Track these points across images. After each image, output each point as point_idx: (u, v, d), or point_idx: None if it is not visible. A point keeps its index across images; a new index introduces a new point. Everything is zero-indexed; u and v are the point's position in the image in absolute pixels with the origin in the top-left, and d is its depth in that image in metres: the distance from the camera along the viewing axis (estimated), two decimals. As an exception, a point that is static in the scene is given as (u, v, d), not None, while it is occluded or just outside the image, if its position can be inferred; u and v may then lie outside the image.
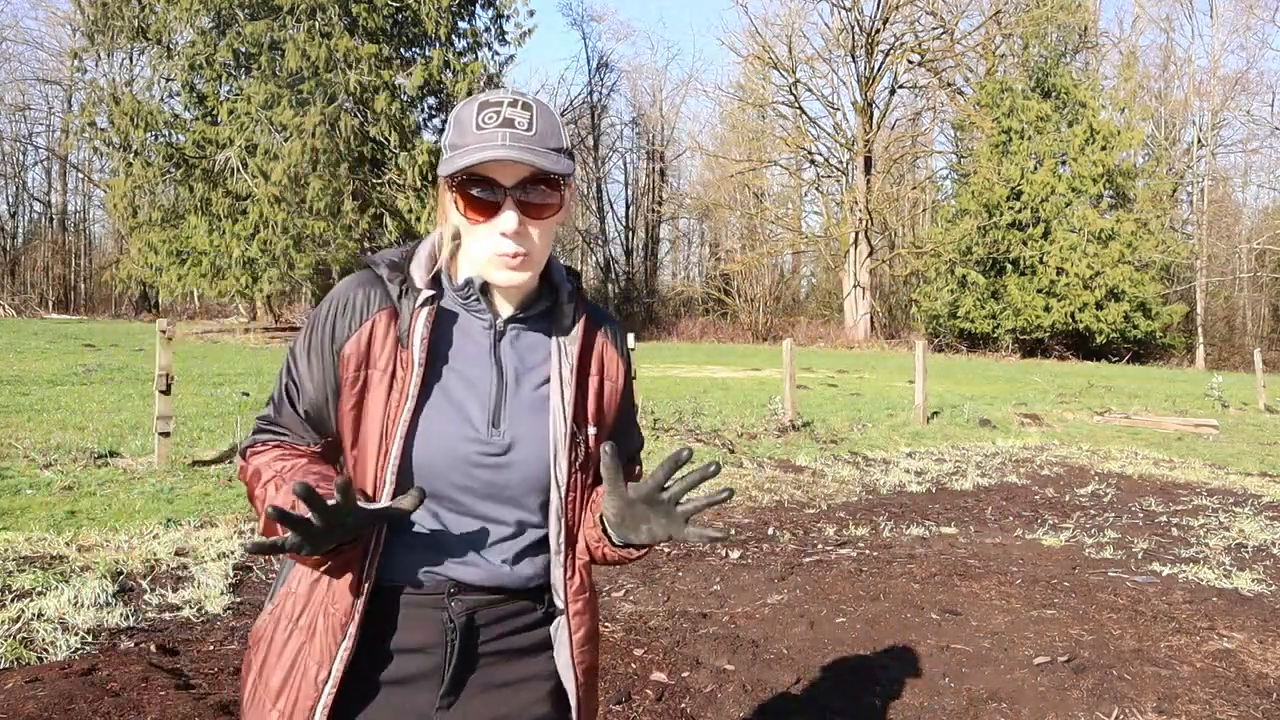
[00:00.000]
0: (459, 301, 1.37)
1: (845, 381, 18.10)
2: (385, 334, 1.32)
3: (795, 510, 6.77)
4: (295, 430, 1.37)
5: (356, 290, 1.35)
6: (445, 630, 1.34)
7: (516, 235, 1.29)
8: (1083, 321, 33.76)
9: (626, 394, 1.50)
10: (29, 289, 38.11)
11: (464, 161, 1.26)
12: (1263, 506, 7.36)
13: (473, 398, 1.34)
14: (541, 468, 1.36)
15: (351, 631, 1.30)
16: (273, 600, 1.42)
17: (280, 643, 1.35)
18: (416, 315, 1.32)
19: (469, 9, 26.01)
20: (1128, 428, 12.83)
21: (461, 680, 1.36)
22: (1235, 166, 45.96)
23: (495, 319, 1.37)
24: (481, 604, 1.36)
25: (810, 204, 45.74)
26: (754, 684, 3.51)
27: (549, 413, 1.37)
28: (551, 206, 1.32)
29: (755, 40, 40.41)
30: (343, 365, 1.32)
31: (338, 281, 1.42)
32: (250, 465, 1.37)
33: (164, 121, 23.11)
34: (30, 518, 5.45)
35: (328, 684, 1.30)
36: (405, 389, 1.30)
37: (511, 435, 1.34)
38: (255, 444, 1.39)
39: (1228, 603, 4.63)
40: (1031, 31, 36.66)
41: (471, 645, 1.36)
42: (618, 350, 1.48)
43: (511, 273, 1.31)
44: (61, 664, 3.32)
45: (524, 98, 1.31)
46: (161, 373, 7.21)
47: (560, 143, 1.31)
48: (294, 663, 1.33)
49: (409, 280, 1.35)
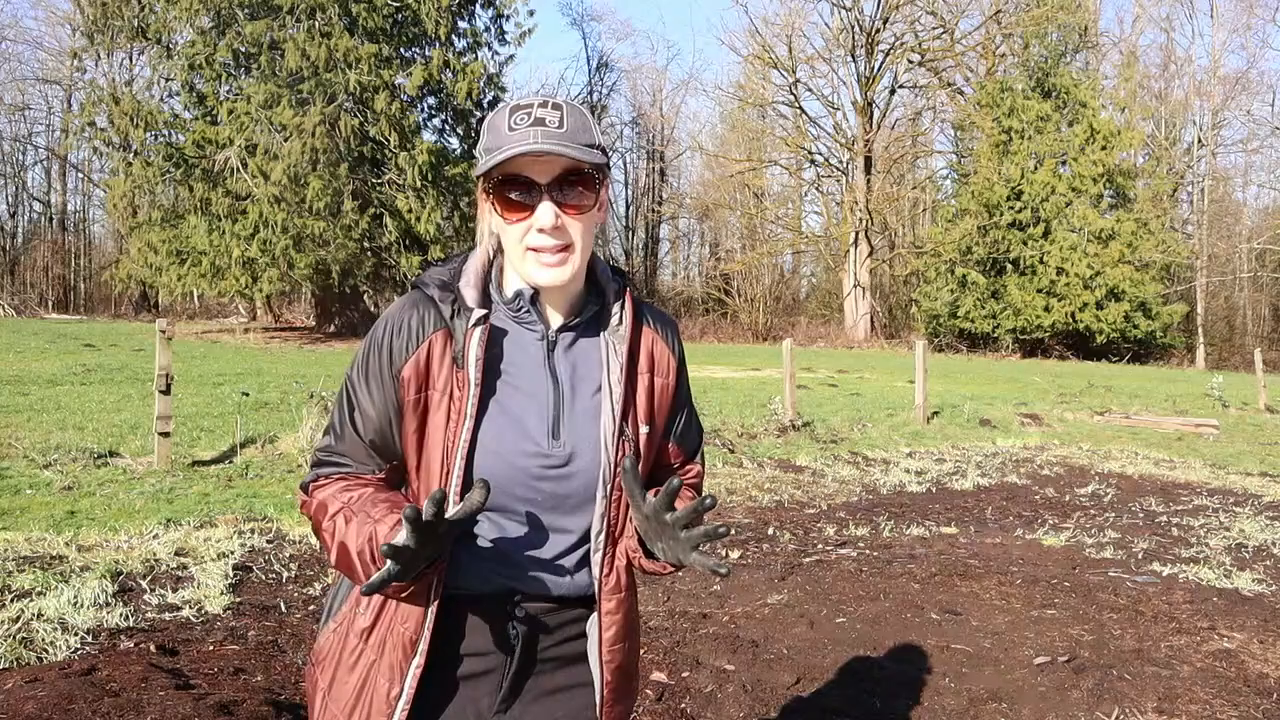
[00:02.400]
0: (510, 315, 1.37)
1: (845, 381, 18.10)
2: (442, 355, 1.33)
3: (795, 510, 6.77)
4: (359, 458, 1.37)
5: (410, 312, 1.35)
6: (509, 638, 1.36)
7: (555, 231, 1.29)
8: (1083, 321, 33.74)
9: (681, 390, 1.50)
10: (29, 289, 38.08)
11: (498, 158, 1.27)
12: (1263, 506, 7.36)
13: (531, 411, 1.34)
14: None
15: (422, 648, 1.32)
16: (334, 617, 1.41)
17: (349, 661, 1.35)
18: (470, 335, 1.32)
19: (469, 9, 25.99)
20: (1128, 428, 12.83)
21: (519, 686, 1.38)
22: (1236, 166, 46.01)
23: (547, 329, 1.38)
24: (543, 611, 1.38)
25: (810, 204, 45.76)
26: (754, 684, 3.51)
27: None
28: (588, 204, 1.32)
29: (755, 40, 40.42)
30: (403, 388, 1.33)
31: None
32: (315, 499, 1.36)
33: (164, 121, 23.10)
34: (30, 518, 5.45)
35: (400, 700, 1.31)
36: (463, 409, 1.31)
37: (572, 446, 1.35)
38: (318, 478, 1.38)
39: (1228, 603, 4.63)
40: (1031, 31, 36.63)
41: (531, 652, 1.38)
42: (669, 346, 1.47)
43: (551, 269, 1.31)
44: (61, 664, 3.32)
45: (554, 99, 1.33)
46: (161, 373, 7.21)
47: (592, 139, 1.32)
48: (364, 680, 1.33)
49: (460, 299, 1.35)
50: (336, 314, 25.85)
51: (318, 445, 1.41)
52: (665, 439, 1.49)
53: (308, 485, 1.39)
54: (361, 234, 22.87)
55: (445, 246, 23.10)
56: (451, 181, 23.46)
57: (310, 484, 1.39)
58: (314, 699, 1.40)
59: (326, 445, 1.39)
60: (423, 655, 1.31)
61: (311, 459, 1.42)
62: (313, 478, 1.39)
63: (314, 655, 1.43)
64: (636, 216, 47.99)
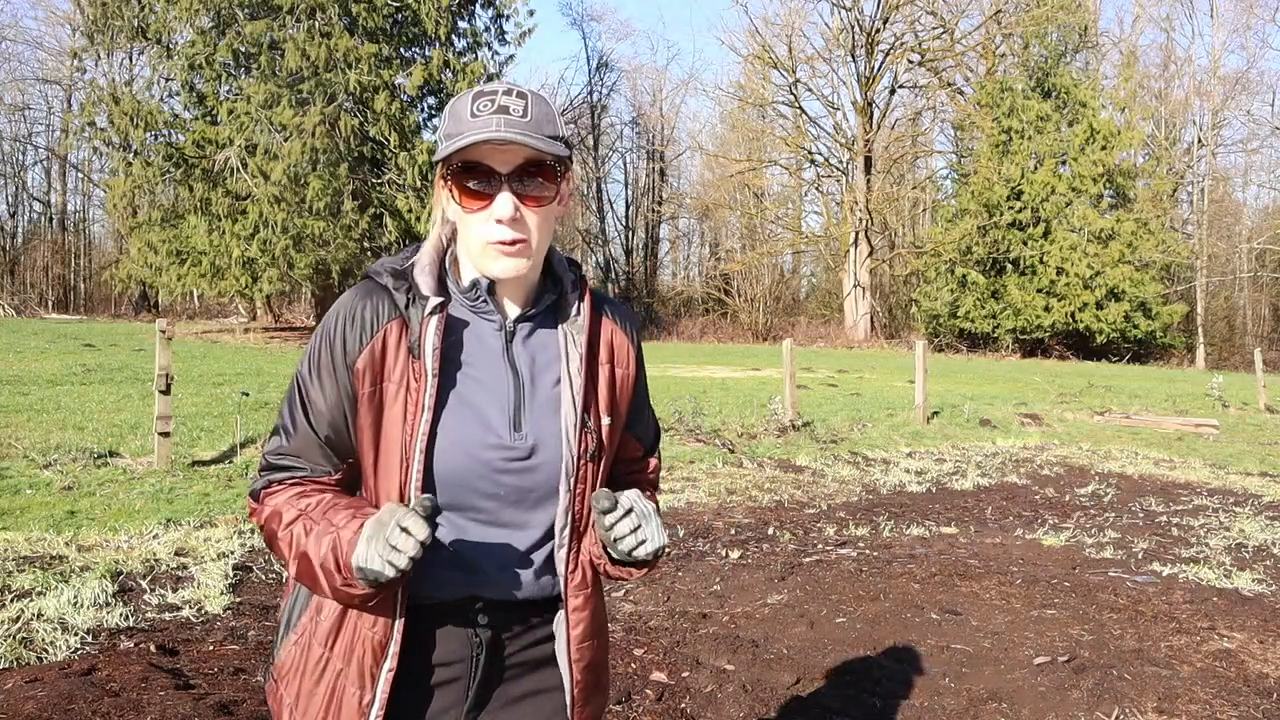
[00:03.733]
0: (466, 305, 1.34)
1: (845, 381, 18.10)
2: (397, 345, 1.29)
3: (795, 510, 6.77)
4: (313, 458, 1.32)
5: (363, 302, 1.31)
6: (471, 645, 1.33)
7: (513, 222, 1.26)
8: (1083, 321, 33.74)
9: (641, 381, 1.48)
10: (29, 289, 38.09)
11: (458, 144, 1.24)
12: (1263, 506, 7.36)
13: (492, 402, 1.31)
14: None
15: (392, 651, 1.28)
16: (294, 629, 1.36)
17: (314, 672, 1.31)
18: (426, 324, 1.29)
19: (469, 9, 25.99)
20: (1128, 428, 12.83)
21: (485, 694, 1.35)
22: (1236, 166, 46.01)
23: (504, 320, 1.35)
24: (506, 617, 1.35)
25: (810, 204, 45.74)
26: (754, 684, 3.51)
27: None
28: (548, 197, 1.30)
29: (755, 40, 40.40)
30: (356, 380, 1.28)
31: (337, 281, 1.40)
32: (265, 507, 1.31)
33: (164, 121, 23.09)
34: (30, 518, 5.45)
35: (374, 707, 1.28)
36: (421, 400, 1.27)
37: (534, 437, 1.32)
38: (269, 484, 1.32)
39: (1228, 603, 4.63)
40: (1031, 31, 36.63)
41: (496, 658, 1.35)
42: (628, 336, 1.45)
43: (507, 259, 1.28)
44: (61, 664, 3.32)
45: (519, 87, 1.30)
46: (161, 373, 7.21)
47: (555, 130, 1.29)
48: (333, 690, 1.30)
49: (415, 288, 1.31)
50: (336, 314, 25.78)
51: (267, 449, 1.34)
52: (628, 430, 1.47)
53: (258, 492, 1.33)
54: (361, 234, 22.86)
55: (445, 246, 23.06)
56: (451, 182, 23.37)
57: (260, 491, 1.32)
58: (280, 716, 1.35)
59: (277, 447, 1.33)
60: (393, 659, 1.28)
61: (260, 464, 1.35)
62: (264, 484, 1.32)
63: (276, 671, 1.37)
64: (636, 216, 48.00)
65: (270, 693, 1.39)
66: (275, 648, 1.40)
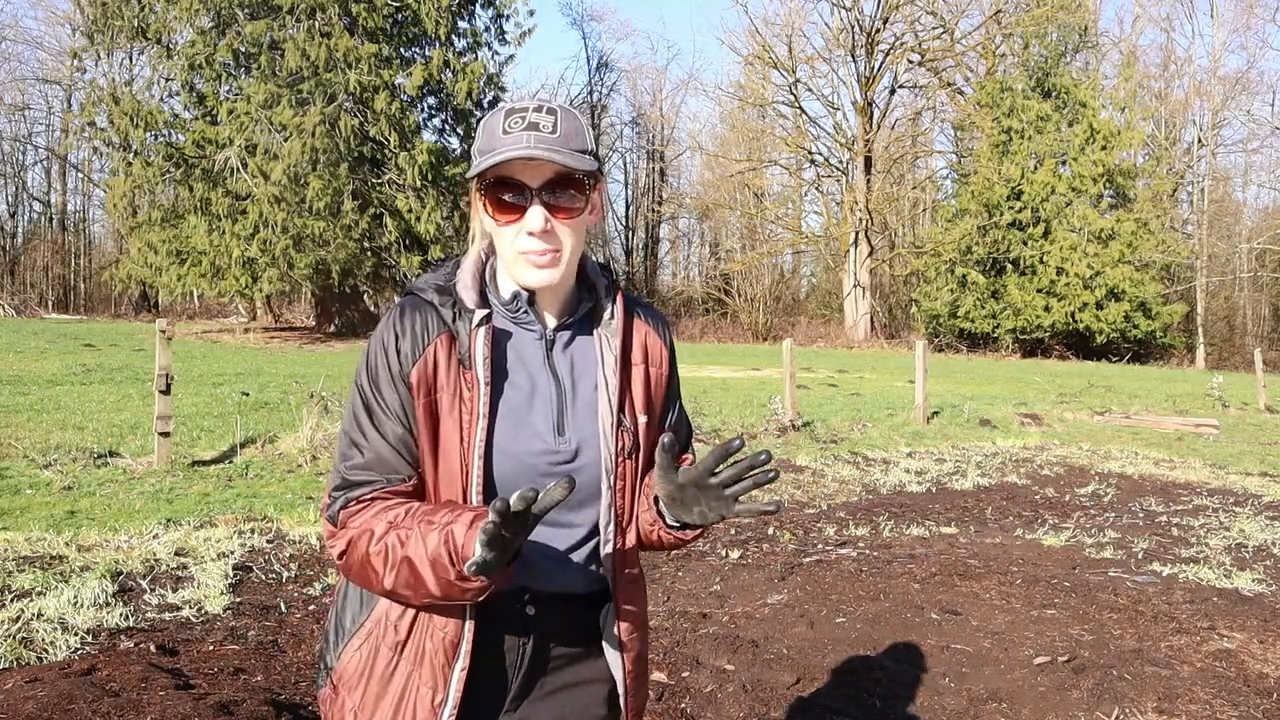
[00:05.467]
0: (508, 316, 1.39)
1: (845, 381, 18.10)
2: (448, 358, 1.33)
3: (795, 510, 6.77)
4: (389, 468, 1.31)
5: (412, 317, 1.35)
6: (518, 638, 1.37)
7: (544, 234, 1.31)
8: (1083, 321, 33.75)
9: (674, 380, 1.53)
10: (29, 289, 38.10)
11: (490, 161, 1.29)
12: (1263, 506, 7.36)
13: (536, 409, 1.36)
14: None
15: (464, 650, 1.31)
16: (358, 635, 1.37)
17: (383, 674, 1.34)
18: (475, 335, 1.34)
19: (469, 9, 26.00)
20: (1128, 428, 12.83)
21: (530, 684, 1.39)
22: (1236, 166, 46.02)
23: (544, 329, 1.40)
24: (553, 608, 1.39)
25: (810, 204, 45.74)
26: (754, 684, 3.51)
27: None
28: (578, 209, 1.34)
29: (755, 40, 40.40)
30: (412, 393, 1.32)
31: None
32: (351, 528, 1.29)
33: (164, 121, 23.10)
34: (30, 518, 5.45)
35: (446, 706, 1.31)
36: (475, 409, 1.32)
37: (577, 440, 1.37)
38: (349, 502, 1.31)
39: (1228, 603, 4.63)
40: (1031, 31, 36.63)
41: (541, 651, 1.39)
42: (661, 338, 1.50)
43: (539, 270, 1.33)
44: (61, 664, 3.32)
45: (549, 104, 1.34)
46: (161, 373, 7.21)
47: (584, 145, 1.34)
48: (403, 693, 1.32)
49: (459, 302, 1.36)
50: (336, 314, 25.86)
51: (341, 468, 1.33)
52: (662, 429, 1.51)
53: (338, 515, 1.31)
54: (361, 234, 22.87)
55: (445, 246, 23.11)
56: (451, 181, 23.45)
57: (341, 511, 1.31)
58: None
59: (352, 463, 1.32)
60: (466, 658, 1.31)
61: (334, 484, 1.33)
62: (343, 504, 1.31)
63: (336, 677, 1.38)
64: (636, 216, 48.02)
65: (327, 700, 1.40)
66: (329, 655, 1.41)
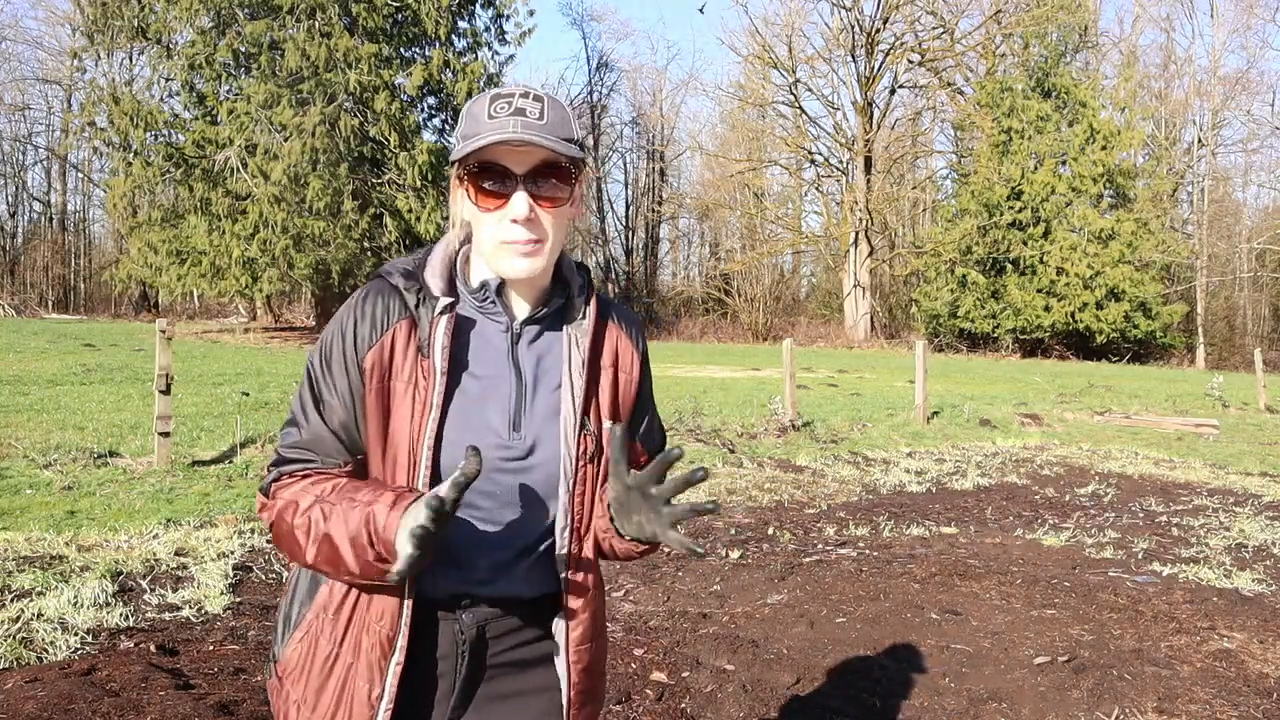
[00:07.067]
0: (475, 305, 1.36)
1: (845, 381, 18.10)
2: (406, 344, 1.31)
3: (795, 510, 6.77)
4: (325, 450, 1.32)
5: (374, 301, 1.32)
6: (456, 642, 1.34)
7: (528, 223, 1.28)
8: (1083, 321, 33.75)
9: (645, 387, 1.48)
10: (29, 289, 38.11)
11: (475, 145, 1.26)
12: (1263, 506, 7.36)
13: (493, 402, 1.33)
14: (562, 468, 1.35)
15: (401, 644, 1.29)
16: (298, 626, 1.37)
17: (322, 667, 1.32)
18: (436, 324, 1.31)
19: (469, 9, 25.99)
20: (1128, 428, 12.83)
21: (471, 690, 1.36)
22: (1236, 166, 46.02)
23: (511, 321, 1.36)
24: (493, 615, 1.35)
25: (810, 204, 45.75)
26: (754, 684, 3.51)
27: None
28: (562, 198, 1.31)
29: (755, 40, 40.41)
30: (366, 377, 1.30)
31: (337, 281, 1.41)
32: (278, 500, 1.30)
33: (164, 121, 23.09)
34: (30, 518, 5.45)
35: (383, 700, 1.29)
36: (429, 399, 1.29)
37: (532, 438, 1.33)
38: (280, 477, 1.32)
39: (1228, 603, 4.63)
40: (1031, 31, 36.63)
41: (481, 657, 1.36)
42: (633, 343, 1.46)
43: (522, 259, 1.29)
44: (61, 664, 3.32)
45: (535, 90, 1.32)
46: (161, 373, 7.21)
47: (571, 133, 1.31)
48: (343, 685, 1.31)
49: (425, 288, 1.33)
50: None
51: (279, 443, 1.35)
52: (630, 438, 1.46)
53: (269, 487, 1.32)
54: (361, 234, 22.86)
55: (446, 246, 23.06)
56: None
57: (271, 485, 1.32)
58: (286, 714, 1.35)
59: (289, 440, 1.33)
60: (402, 652, 1.29)
61: (272, 458, 1.35)
62: (275, 477, 1.32)
63: (280, 669, 1.38)
64: (636, 216, 48.00)
65: (274, 690, 1.39)
66: (276, 646, 1.40)
